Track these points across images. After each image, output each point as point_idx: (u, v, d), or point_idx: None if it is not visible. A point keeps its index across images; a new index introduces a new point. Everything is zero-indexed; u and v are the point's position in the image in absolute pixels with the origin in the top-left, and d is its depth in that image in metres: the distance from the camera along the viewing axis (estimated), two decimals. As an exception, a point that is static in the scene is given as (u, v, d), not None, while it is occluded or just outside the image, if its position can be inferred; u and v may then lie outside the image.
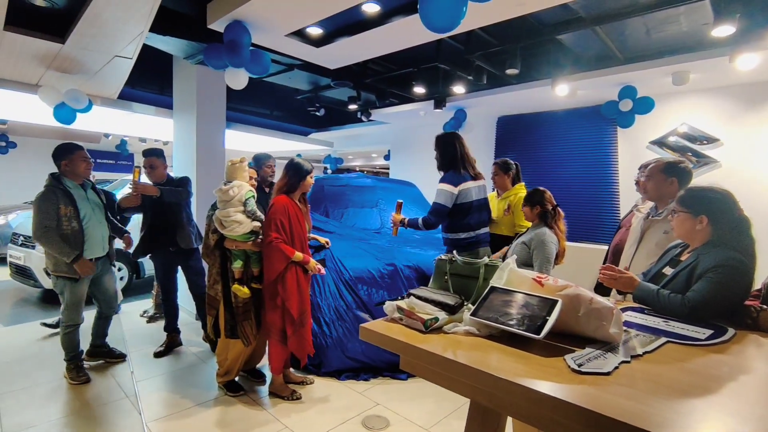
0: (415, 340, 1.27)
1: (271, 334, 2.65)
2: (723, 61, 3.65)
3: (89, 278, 2.82)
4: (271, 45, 3.63)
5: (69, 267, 2.68)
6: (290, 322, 2.58)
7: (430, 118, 6.55)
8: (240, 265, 2.60)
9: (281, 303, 2.57)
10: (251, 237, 2.59)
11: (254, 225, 2.58)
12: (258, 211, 2.61)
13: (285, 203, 2.60)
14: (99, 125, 7.90)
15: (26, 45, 3.20)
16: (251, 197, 2.60)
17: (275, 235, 2.52)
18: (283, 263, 2.55)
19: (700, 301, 1.42)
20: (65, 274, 2.70)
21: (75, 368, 2.91)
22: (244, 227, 2.54)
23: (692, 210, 1.60)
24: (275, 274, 2.56)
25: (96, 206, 2.86)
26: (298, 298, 2.60)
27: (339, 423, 2.47)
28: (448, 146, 2.87)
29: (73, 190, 2.74)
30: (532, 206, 2.64)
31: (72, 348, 2.89)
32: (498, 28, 3.58)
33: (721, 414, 0.88)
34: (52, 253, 2.67)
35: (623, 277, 1.65)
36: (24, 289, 5.24)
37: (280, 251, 2.53)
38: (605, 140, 5.51)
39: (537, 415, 1.01)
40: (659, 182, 2.19)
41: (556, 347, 1.17)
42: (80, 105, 3.84)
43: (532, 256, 2.53)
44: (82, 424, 2.42)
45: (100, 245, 2.84)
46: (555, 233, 2.57)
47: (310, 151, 10.52)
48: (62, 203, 2.65)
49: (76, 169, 2.75)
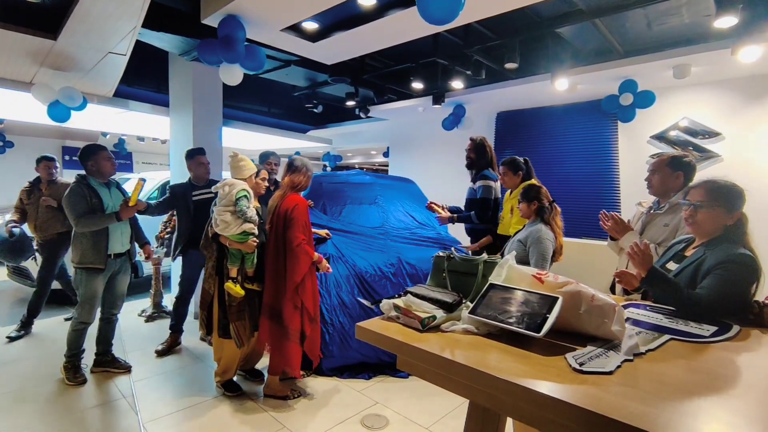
0: (411, 339, 1.23)
1: (290, 336, 2.55)
2: (725, 54, 3.61)
3: (106, 275, 2.88)
4: (266, 40, 3.59)
5: (95, 256, 2.76)
6: (309, 321, 2.56)
7: (429, 114, 6.50)
8: (235, 263, 2.56)
9: (301, 304, 2.52)
10: (245, 237, 2.52)
11: (245, 227, 2.49)
12: (250, 212, 2.50)
13: (306, 205, 2.60)
14: (97, 124, 7.87)
15: (18, 42, 3.15)
16: (243, 197, 2.50)
17: (303, 237, 2.48)
18: (308, 265, 2.52)
19: (716, 299, 1.38)
20: (90, 265, 2.78)
21: (72, 368, 2.89)
22: (231, 228, 2.48)
23: (728, 205, 1.55)
24: (301, 277, 2.49)
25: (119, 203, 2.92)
26: (312, 297, 2.60)
27: (338, 422, 2.45)
28: (485, 148, 3.44)
29: (98, 188, 2.86)
30: (529, 202, 2.58)
31: (75, 346, 2.91)
32: (496, 22, 3.54)
33: (728, 414, 0.84)
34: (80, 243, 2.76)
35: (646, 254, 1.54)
36: (21, 289, 5.21)
37: (305, 254, 2.49)
38: (605, 135, 5.46)
39: (537, 416, 0.98)
40: (665, 176, 2.16)
41: (556, 346, 1.14)
42: (74, 103, 3.79)
43: (528, 254, 2.48)
44: (79, 425, 2.40)
45: (119, 242, 2.91)
46: (552, 229, 2.53)
47: (309, 149, 10.48)
48: (88, 196, 2.79)
49: (101, 168, 2.87)
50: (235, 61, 3.14)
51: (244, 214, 2.47)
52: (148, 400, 2.68)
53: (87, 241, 2.75)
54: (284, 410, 2.57)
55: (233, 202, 2.48)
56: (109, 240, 2.81)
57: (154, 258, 4.17)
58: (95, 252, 2.76)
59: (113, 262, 2.89)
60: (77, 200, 2.72)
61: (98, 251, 2.77)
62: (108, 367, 3.05)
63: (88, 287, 2.80)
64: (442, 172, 7.01)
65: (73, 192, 2.74)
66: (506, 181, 3.16)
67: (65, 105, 3.80)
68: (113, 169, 2.96)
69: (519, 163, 3.13)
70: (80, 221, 2.70)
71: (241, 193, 2.50)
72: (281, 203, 2.61)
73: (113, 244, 2.85)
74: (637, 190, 4.93)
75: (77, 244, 2.78)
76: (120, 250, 2.92)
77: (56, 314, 4.35)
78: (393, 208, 4.01)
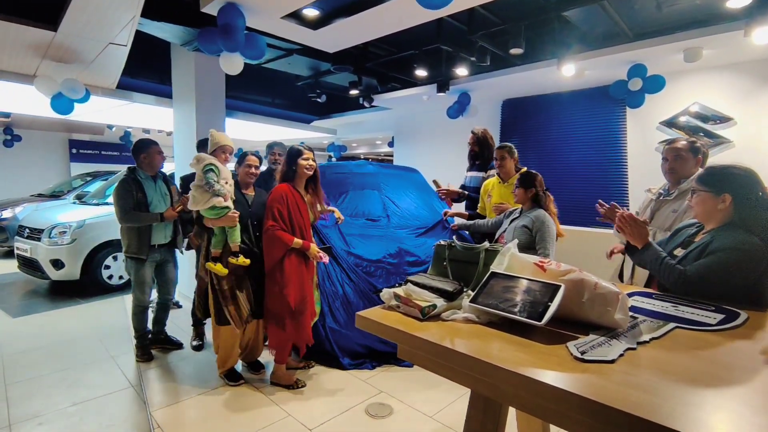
0: (412, 328, 1.22)
1: (270, 319, 2.64)
2: (738, 36, 3.50)
3: (153, 262, 3.08)
4: (266, 28, 3.55)
5: (139, 247, 2.97)
6: (288, 310, 2.56)
7: (433, 102, 6.42)
8: (217, 244, 2.58)
9: (278, 291, 2.56)
10: (221, 212, 2.48)
11: (214, 201, 2.44)
12: (218, 186, 2.46)
13: (284, 191, 2.58)
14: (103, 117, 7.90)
15: (19, 34, 3.15)
16: (209, 170, 2.47)
17: (271, 223, 2.53)
18: (282, 250, 2.54)
19: (698, 277, 1.37)
20: (133, 255, 2.98)
21: (141, 347, 3.14)
22: (198, 203, 2.45)
23: (714, 189, 1.51)
24: (273, 261, 2.57)
25: (163, 196, 3.10)
26: (297, 285, 2.57)
27: (342, 411, 2.46)
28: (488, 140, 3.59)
29: (144, 181, 3.03)
30: (527, 188, 2.66)
31: (139, 327, 3.15)
32: (501, 6, 3.46)
33: (734, 404, 0.82)
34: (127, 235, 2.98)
35: (639, 227, 1.55)
36: (32, 281, 5.30)
37: (277, 238, 2.52)
38: (614, 121, 5.36)
39: (538, 405, 0.97)
40: (688, 162, 2.15)
41: (558, 334, 1.12)
42: (77, 95, 3.80)
43: (535, 239, 2.54)
44: (88, 414, 2.44)
45: (162, 233, 3.06)
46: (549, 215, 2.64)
47: (314, 139, 10.44)
48: (134, 191, 2.97)
49: (153, 161, 3.03)
50: (235, 50, 3.11)
51: (211, 187, 2.43)
52: (156, 390, 2.71)
53: (133, 232, 2.95)
54: (289, 399, 2.59)
55: (201, 176, 2.47)
56: (152, 232, 2.99)
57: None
58: (139, 243, 2.96)
59: (157, 252, 3.06)
60: (124, 195, 2.91)
61: (142, 242, 2.96)
62: (162, 344, 3.29)
63: (136, 274, 3.02)
64: (447, 161, 6.95)
65: (120, 186, 2.94)
66: (505, 166, 3.23)
67: (68, 97, 3.81)
68: (161, 163, 3.12)
69: (513, 148, 3.25)
70: (125, 217, 2.91)
71: (208, 167, 2.48)
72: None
73: (156, 236, 3.03)
74: (645, 176, 4.86)
75: (124, 235, 2.99)
76: (163, 241, 3.07)
77: (66, 305, 4.42)
78: (396, 197, 3.97)
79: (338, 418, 2.40)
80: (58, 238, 4.59)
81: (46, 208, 5.78)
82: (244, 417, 2.40)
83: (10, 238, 6.43)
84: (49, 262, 4.58)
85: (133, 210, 2.91)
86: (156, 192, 3.04)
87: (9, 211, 6.87)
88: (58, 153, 11.35)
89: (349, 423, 2.36)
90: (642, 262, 1.58)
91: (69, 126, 9.92)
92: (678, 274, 1.43)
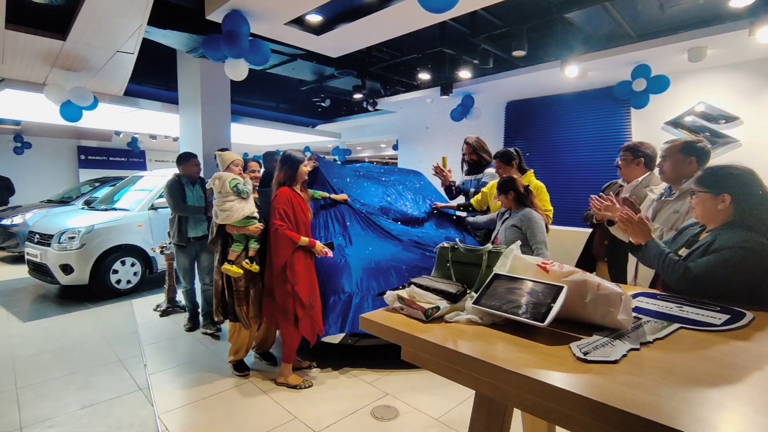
0: (415, 329, 1.23)
1: (281, 317, 2.73)
2: (742, 35, 3.48)
3: (190, 253, 3.71)
4: (270, 34, 3.59)
5: (179, 237, 3.65)
6: (300, 306, 2.66)
7: (437, 105, 6.44)
8: (239, 248, 2.77)
9: (291, 289, 2.65)
10: (249, 222, 2.76)
11: (249, 209, 2.74)
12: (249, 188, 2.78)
13: (287, 194, 2.70)
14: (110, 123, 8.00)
15: (29, 43, 3.21)
16: (236, 183, 2.75)
17: (279, 223, 2.63)
18: (290, 249, 2.65)
19: (702, 273, 1.36)
20: (176, 243, 3.68)
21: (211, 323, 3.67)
22: (236, 213, 2.71)
23: (713, 189, 1.51)
24: (284, 260, 2.66)
25: (198, 198, 3.75)
26: (307, 282, 2.70)
27: (348, 413, 2.47)
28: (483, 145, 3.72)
29: (186, 185, 3.74)
30: (506, 194, 2.79)
31: (190, 307, 3.84)
32: (503, 9, 3.47)
33: (737, 404, 0.82)
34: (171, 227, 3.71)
35: (641, 224, 1.54)
36: (42, 286, 5.37)
37: (285, 237, 2.63)
38: (618, 122, 5.34)
39: (541, 406, 0.97)
40: (677, 162, 2.10)
41: (561, 335, 1.13)
42: (85, 102, 3.86)
43: (526, 237, 2.68)
44: (97, 416, 2.47)
45: (194, 229, 3.71)
46: (536, 209, 2.76)
47: (318, 143, 10.50)
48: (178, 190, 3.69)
49: (190, 171, 3.75)
50: (239, 56, 3.15)
51: (247, 194, 2.75)
52: (163, 392, 2.74)
53: (175, 226, 3.66)
54: (295, 401, 2.60)
55: (230, 191, 2.73)
56: (188, 227, 3.66)
57: (167, 254, 4.25)
58: (179, 234, 3.65)
59: (193, 244, 3.69)
60: (173, 192, 3.65)
61: (181, 234, 3.64)
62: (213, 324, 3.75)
63: (178, 260, 3.77)
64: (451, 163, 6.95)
65: (171, 185, 3.70)
66: (501, 174, 3.28)
67: (77, 104, 3.87)
68: (198, 173, 3.83)
69: (511, 154, 3.27)
70: (176, 208, 3.65)
71: (233, 181, 2.76)
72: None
73: (190, 230, 3.68)
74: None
75: (171, 227, 3.71)
76: (196, 235, 3.68)
77: (75, 310, 4.47)
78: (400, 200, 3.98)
79: (344, 420, 2.41)
80: (68, 244, 4.65)
81: (55, 214, 5.86)
82: (251, 419, 2.42)
83: (20, 243, 6.52)
84: (58, 267, 4.64)
85: (184, 203, 3.62)
86: (193, 194, 3.72)
87: (20, 218, 6.97)
88: (67, 159, 11.51)
89: (355, 425, 2.36)
90: (645, 259, 1.57)
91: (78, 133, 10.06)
92: (682, 271, 1.43)
